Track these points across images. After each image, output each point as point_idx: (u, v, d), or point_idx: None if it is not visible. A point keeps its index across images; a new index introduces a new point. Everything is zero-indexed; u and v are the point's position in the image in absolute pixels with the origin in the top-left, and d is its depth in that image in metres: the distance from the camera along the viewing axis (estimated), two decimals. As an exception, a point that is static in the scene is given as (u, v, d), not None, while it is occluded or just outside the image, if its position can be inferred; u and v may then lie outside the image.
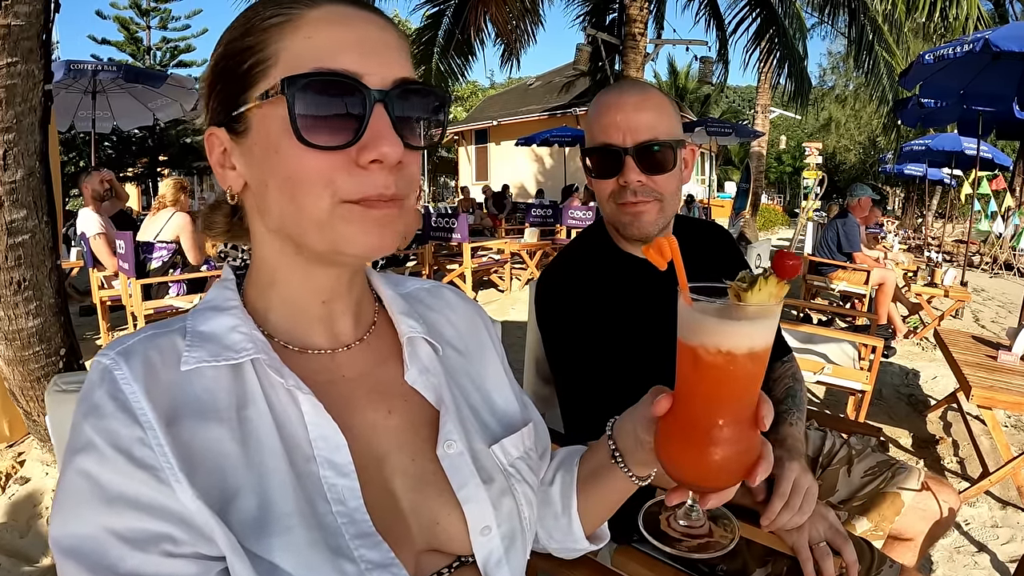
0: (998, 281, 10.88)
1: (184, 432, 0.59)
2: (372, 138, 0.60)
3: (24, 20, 2.43)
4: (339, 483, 0.63)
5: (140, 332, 0.65)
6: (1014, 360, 3.24)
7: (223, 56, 0.66)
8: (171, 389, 0.61)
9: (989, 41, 4.03)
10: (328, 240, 0.62)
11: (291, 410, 0.65)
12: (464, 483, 0.71)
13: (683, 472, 0.65)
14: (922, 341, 5.98)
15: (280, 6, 0.63)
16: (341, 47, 0.61)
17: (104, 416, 0.58)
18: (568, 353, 1.43)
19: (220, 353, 0.64)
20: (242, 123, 0.64)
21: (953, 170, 13.09)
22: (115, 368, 0.60)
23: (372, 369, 0.75)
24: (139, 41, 19.74)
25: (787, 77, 10.39)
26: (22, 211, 2.56)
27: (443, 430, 0.73)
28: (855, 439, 1.78)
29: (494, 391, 0.85)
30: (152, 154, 18.60)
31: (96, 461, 0.56)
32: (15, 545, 2.50)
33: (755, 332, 0.60)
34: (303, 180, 0.61)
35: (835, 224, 6.45)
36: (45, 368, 2.80)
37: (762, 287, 0.61)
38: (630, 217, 1.41)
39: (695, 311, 0.62)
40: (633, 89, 1.42)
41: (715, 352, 0.60)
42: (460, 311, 0.89)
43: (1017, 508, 3.01)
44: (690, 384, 0.64)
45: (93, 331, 5.65)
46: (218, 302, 0.70)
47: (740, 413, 0.63)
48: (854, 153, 34.24)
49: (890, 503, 1.59)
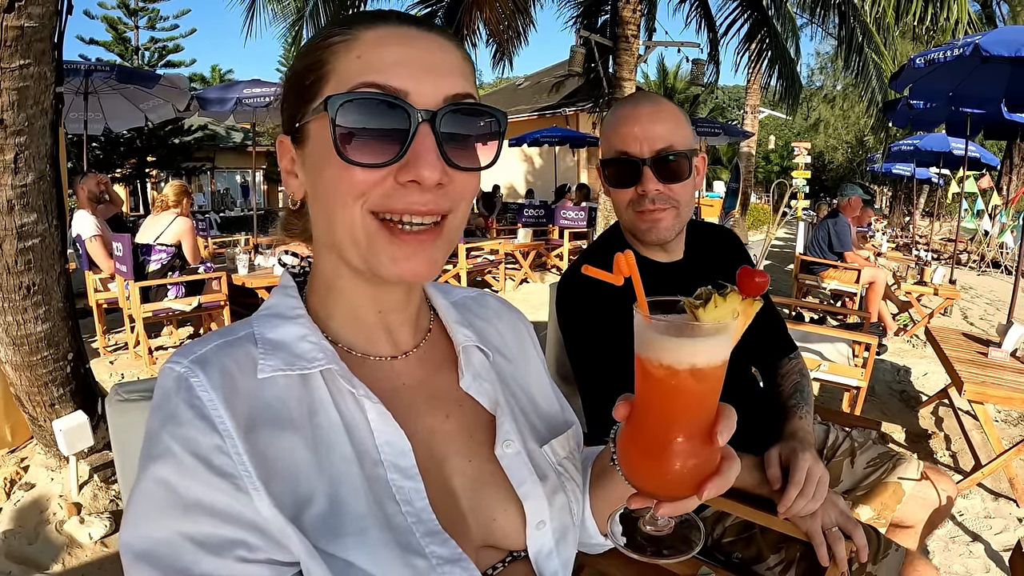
0: (985, 278, 11.03)
1: (261, 440, 0.61)
2: (413, 158, 0.62)
3: (37, 21, 2.41)
4: (406, 485, 0.66)
5: (208, 340, 0.67)
6: (1004, 356, 3.32)
7: (293, 70, 0.70)
8: (249, 397, 0.63)
9: (979, 46, 4.10)
10: (363, 260, 0.65)
11: (358, 417, 0.67)
12: (523, 480, 0.74)
13: (637, 479, 0.65)
14: (912, 338, 6.07)
15: (340, 27, 0.67)
16: (389, 65, 0.63)
17: (182, 424, 0.59)
18: (589, 354, 1.48)
19: (293, 362, 0.66)
20: (302, 135, 0.68)
21: (941, 169, 13.22)
22: (191, 376, 0.61)
23: (429, 376, 0.78)
24: (127, 41, 19.54)
25: (777, 78, 10.46)
26: (32, 215, 2.55)
27: (501, 430, 0.76)
28: (856, 432, 1.85)
29: (538, 394, 0.89)
30: (141, 155, 18.43)
31: (174, 469, 0.57)
32: (24, 552, 2.49)
33: (701, 350, 0.59)
34: (338, 194, 0.63)
35: (826, 224, 6.52)
36: (53, 373, 2.78)
37: (717, 304, 0.60)
38: (648, 224, 1.47)
39: (643, 323, 0.61)
40: (647, 101, 1.47)
41: (658, 366, 0.59)
42: (505, 318, 0.93)
43: (1009, 499, 3.09)
44: (642, 395, 0.63)
45: (88, 334, 5.60)
46: (283, 310, 0.72)
47: (692, 427, 0.62)
48: (841, 152, 34.46)
49: (892, 492, 1.66)
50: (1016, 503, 3.05)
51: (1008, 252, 12.08)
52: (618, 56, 8.54)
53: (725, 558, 1.51)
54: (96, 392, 3.10)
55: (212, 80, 25.13)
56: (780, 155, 37.54)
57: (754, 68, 10.52)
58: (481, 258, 8.38)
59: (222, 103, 8.08)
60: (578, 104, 16.68)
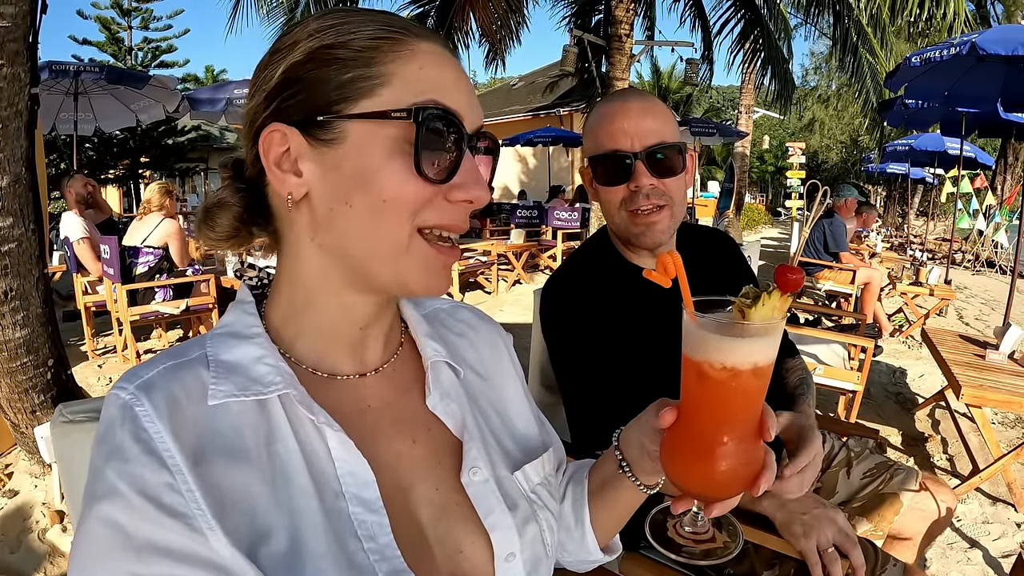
0: (980, 278, 11.05)
1: (213, 473, 0.57)
2: (466, 179, 0.63)
3: (10, 21, 2.37)
4: (369, 519, 0.62)
5: (157, 362, 0.62)
6: (1002, 359, 3.29)
7: (312, 59, 0.62)
8: (197, 426, 0.59)
9: (976, 44, 4.08)
10: (394, 273, 0.63)
11: (318, 444, 0.63)
12: (491, 510, 0.70)
13: (688, 483, 0.66)
14: (908, 339, 6.05)
15: (389, 28, 0.63)
16: (449, 86, 0.63)
17: (128, 460, 0.55)
18: (574, 363, 1.43)
19: (248, 387, 0.62)
20: (330, 132, 0.61)
21: (936, 169, 13.26)
22: (136, 404, 0.57)
23: (397, 397, 0.74)
24: (120, 41, 19.47)
25: (771, 78, 10.46)
26: (8, 219, 2.50)
27: (468, 457, 0.72)
28: (853, 441, 1.81)
29: (514, 415, 0.85)
30: (134, 156, 18.33)
31: (122, 509, 0.53)
32: (6, 561, 2.45)
33: (759, 348, 0.61)
34: (397, 206, 0.61)
35: (821, 224, 6.51)
36: (33, 380, 2.74)
37: (765, 302, 0.61)
38: (643, 228, 1.41)
39: (699, 327, 0.62)
40: (634, 96, 1.42)
41: (720, 368, 0.61)
42: (482, 332, 0.88)
43: (1007, 504, 3.05)
44: (695, 398, 0.64)
45: (77, 336, 5.56)
46: (239, 328, 0.67)
47: (744, 426, 0.64)
48: (836, 152, 34.60)
49: (889, 504, 1.62)
50: (1015, 508, 3.01)
51: (1002, 252, 12.11)
52: (611, 56, 8.53)
53: (717, 574, 1.47)
54: (78, 397, 3.05)
55: (206, 80, 25.01)
56: (775, 155, 37.65)
57: (748, 68, 10.53)
58: (474, 259, 8.34)
59: (213, 103, 8.05)
60: (572, 104, 16.68)
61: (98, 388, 4.44)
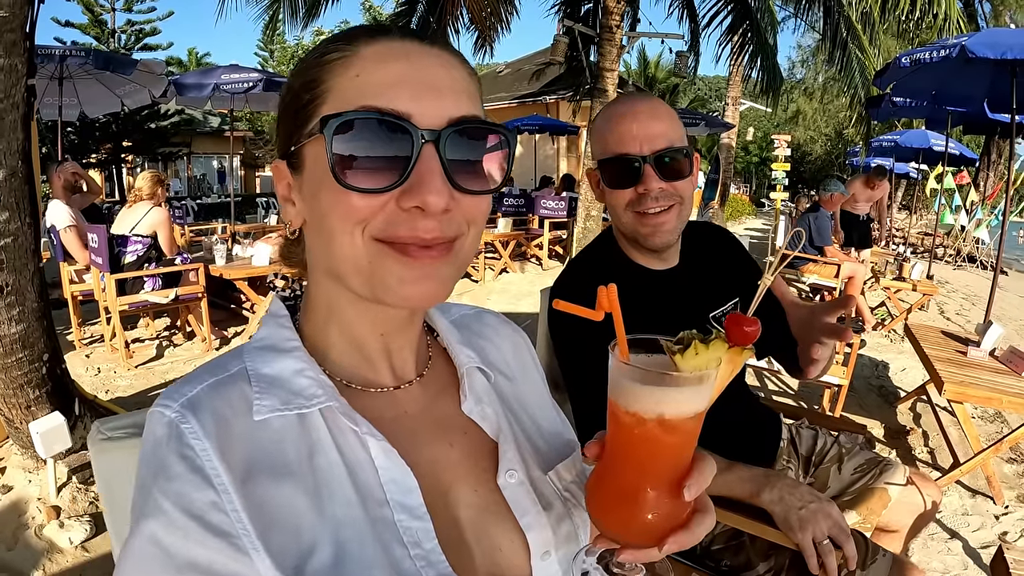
0: (961, 273, 11.22)
1: (258, 491, 0.57)
2: (416, 183, 0.58)
3: (7, 11, 2.31)
4: (414, 526, 0.62)
5: (198, 378, 0.63)
6: (983, 356, 3.37)
7: (287, 90, 0.66)
8: (243, 443, 0.59)
9: (966, 47, 4.14)
10: (368, 287, 0.62)
11: (360, 454, 0.64)
12: (526, 511, 0.71)
13: (601, 521, 0.62)
14: (890, 333, 6.15)
15: (338, 42, 0.63)
16: (390, 85, 0.59)
17: (173, 478, 0.55)
18: (582, 364, 1.45)
19: (290, 400, 0.63)
20: (298, 159, 0.64)
21: (920, 164, 13.38)
22: (182, 422, 0.57)
23: (432, 403, 0.75)
24: (104, 24, 19.04)
25: (759, 71, 10.49)
26: (4, 213, 2.47)
27: (504, 459, 0.73)
28: (844, 437, 1.86)
29: (540, 414, 0.86)
30: (116, 140, 18.02)
31: (166, 527, 0.54)
32: (3, 559, 2.43)
33: (672, 399, 0.55)
34: (337, 221, 0.60)
35: (807, 218, 6.58)
36: (28, 375, 2.71)
37: (699, 351, 0.55)
38: (651, 228, 1.44)
39: (615, 366, 0.58)
40: (641, 99, 1.45)
41: (624, 412, 0.57)
42: (504, 335, 0.90)
43: (986, 497, 3.14)
44: (612, 439, 0.61)
45: (63, 325, 5.48)
46: (276, 341, 0.68)
47: (658, 479, 0.59)
48: (820, 145, 34.79)
49: (878, 498, 1.68)
50: (993, 500, 3.10)
51: (984, 247, 12.30)
52: (601, 46, 8.50)
53: (715, 565, 1.52)
54: (73, 392, 3.03)
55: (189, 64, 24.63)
56: (759, 146, 37.81)
57: (736, 60, 10.55)
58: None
59: (200, 88, 7.92)
60: (559, 92, 16.60)
61: (86, 378, 4.41)
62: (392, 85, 0.59)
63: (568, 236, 9.85)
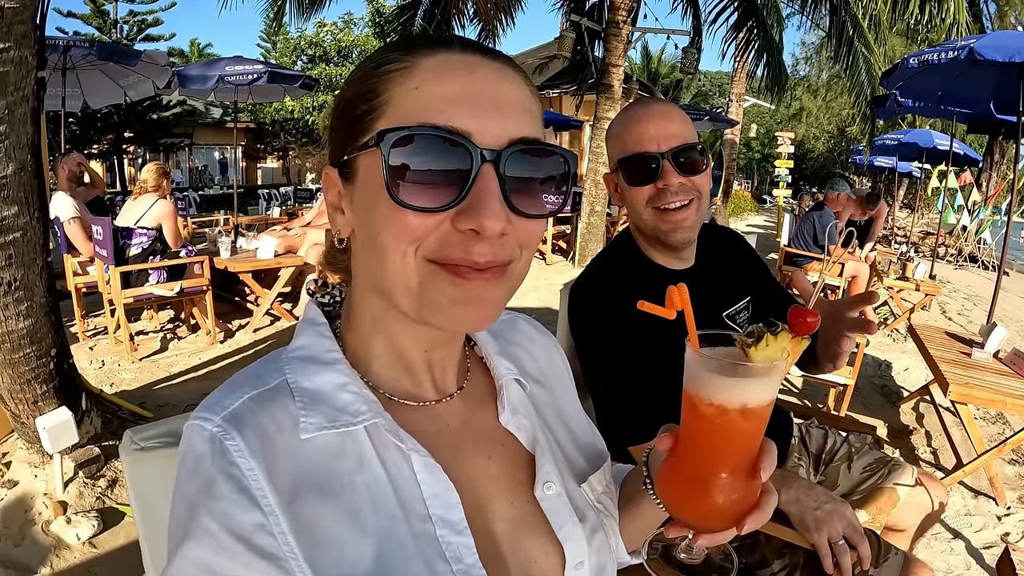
0: (963, 273, 11.23)
1: (304, 511, 0.57)
2: (474, 204, 0.56)
3: (18, 2, 2.28)
4: (455, 541, 0.62)
5: (238, 390, 0.61)
6: (987, 357, 3.38)
7: (342, 98, 0.64)
8: (289, 462, 0.58)
9: (974, 50, 4.13)
10: (416, 308, 0.60)
11: (404, 469, 0.63)
12: (563, 523, 0.71)
13: (677, 510, 0.66)
14: (893, 333, 6.16)
15: (397, 52, 0.61)
16: (450, 100, 0.57)
17: (219, 498, 0.54)
18: (604, 362, 1.48)
19: (337, 417, 0.62)
20: (351, 169, 0.63)
21: (923, 164, 13.36)
22: (226, 438, 0.56)
23: (472, 415, 0.75)
24: (106, 14, 18.91)
25: (764, 68, 10.46)
26: (13, 207, 2.45)
27: (541, 471, 0.73)
28: (853, 436, 1.88)
29: (574, 423, 0.86)
30: (118, 131, 17.98)
31: (212, 549, 0.52)
32: (10, 555, 2.42)
33: (752, 389, 0.59)
34: (391, 238, 0.58)
35: (811, 216, 6.58)
36: (36, 370, 2.70)
37: (770, 343, 0.59)
38: (671, 225, 1.48)
39: (694, 360, 0.61)
40: (655, 102, 1.53)
41: (708, 404, 0.60)
42: (538, 343, 0.89)
43: (989, 497, 3.16)
44: (688, 429, 0.64)
45: (67, 317, 5.45)
46: (317, 352, 0.67)
47: (736, 463, 0.63)
48: (823, 142, 34.73)
49: (887, 498, 1.71)
50: (995, 501, 3.12)
51: (986, 248, 12.29)
52: (608, 41, 8.47)
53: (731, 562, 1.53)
54: (80, 387, 3.02)
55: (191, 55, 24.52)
56: (761, 143, 37.73)
57: (741, 57, 10.51)
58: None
59: (203, 80, 7.91)
60: (563, 87, 16.56)
61: (90, 371, 4.41)
62: (453, 101, 0.57)
63: (572, 231, 9.84)
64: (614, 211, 9.92)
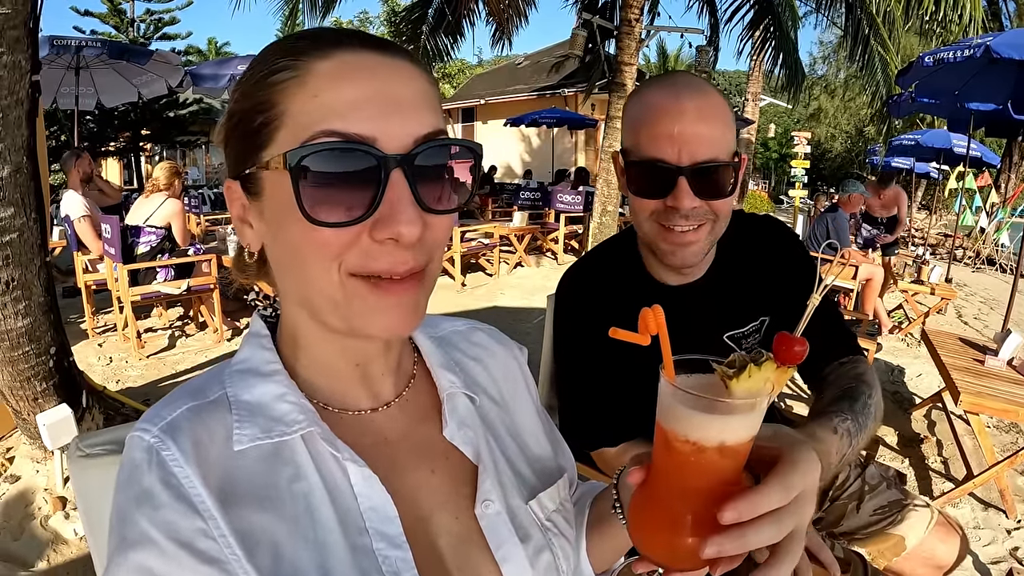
0: (980, 276, 11.03)
1: (243, 516, 0.57)
2: (388, 213, 0.56)
3: (10, 8, 2.31)
4: (393, 555, 0.61)
5: (177, 401, 0.61)
6: (1001, 365, 3.30)
7: (235, 109, 0.62)
8: (222, 469, 0.58)
9: (990, 48, 4.05)
10: (343, 320, 0.60)
11: (340, 480, 0.63)
12: (501, 543, 0.69)
13: (647, 547, 0.62)
14: (906, 337, 6.06)
15: (288, 56, 0.58)
16: (351, 106, 0.56)
17: (159, 506, 0.54)
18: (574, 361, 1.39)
19: (272, 428, 0.61)
20: (255, 183, 0.61)
21: (941, 165, 13.18)
22: (162, 448, 0.56)
23: (413, 427, 0.73)
24: (122, 13, 19.10)
25: (781, 67, 10.34)
26: (9, 209, 2.48)
27: (481, 489, 0.71)
28: (873, 468, 1.65)
29: (529, 438, 0.84)
30: (134, 128, 18.15)
31: (156, 557, 0.52)
32: (8, 549, 2.45)
33: (730, 427, 0.55)
34: (310, 255, 0.58)
35: (825, 218, 6.49)
36: (35, 368, 2.74)
37: (753, 374, 0.55)
38: (673, 247, 1.23)
39: (668, 392, 0.57)
40: (691, 91, 1.17)
41: (683, 440, 0.56)
42: (497, 355, 0.87)
43: (999, 510, 3.08)
44: (661, 463, 0.60)
45: (77, 314, 5.57)
46: (257, 364, 0.67)
47: (712, 501, 0.58)
48: (840, 142, 34.37)
49: (893, 545, 1.51)
50: (1006, 514, 3.04)
51: (1004, 250, 12.08)
52: (620, 39, 8.41)
53: None
54: (80, 384, 3.05)
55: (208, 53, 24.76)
56: (779, 143, 37.43)
57: (757, 56, 10.41)
58: (476, 241, 8.30)
59: (216, 79, 7.98)
60: (578, 85, 16.53)
61: (98, 368, 4.46)
62: (354, 106, 0.56)
63: (584, 231, 9.80)
64: (626, 211, 9.85)
